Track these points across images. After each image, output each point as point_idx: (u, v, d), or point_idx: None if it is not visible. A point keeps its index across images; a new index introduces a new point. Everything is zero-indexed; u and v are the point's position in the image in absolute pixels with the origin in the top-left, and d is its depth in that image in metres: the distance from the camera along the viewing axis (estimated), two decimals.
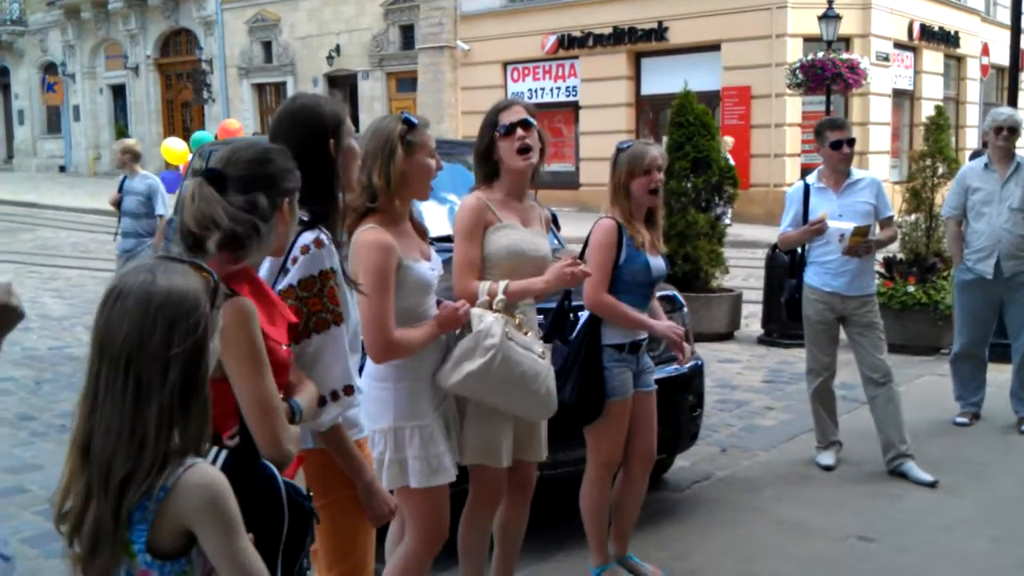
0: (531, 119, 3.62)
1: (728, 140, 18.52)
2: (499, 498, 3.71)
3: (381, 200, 3.11)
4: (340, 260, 2.67)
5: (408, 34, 26.28)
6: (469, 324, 3.32)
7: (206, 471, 1.76)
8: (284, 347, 2.27)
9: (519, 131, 3.57)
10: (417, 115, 3.31)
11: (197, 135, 12.34)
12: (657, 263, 4.06)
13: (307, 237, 2.53)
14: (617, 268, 3.98)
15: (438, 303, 3.26)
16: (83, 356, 5.51)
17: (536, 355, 3.43)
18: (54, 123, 37.95)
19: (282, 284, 2.52)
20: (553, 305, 4.01)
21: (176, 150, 12.47)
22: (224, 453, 1.92)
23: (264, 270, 2.53)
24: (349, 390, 2.56)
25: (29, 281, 13.07)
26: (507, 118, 3.59)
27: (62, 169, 36.40)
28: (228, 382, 2.09)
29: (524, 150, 3.58)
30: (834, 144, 5.54)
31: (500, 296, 3.41)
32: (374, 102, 26.48)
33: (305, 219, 2.52)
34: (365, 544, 2.78)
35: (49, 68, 37.46)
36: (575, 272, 3.52)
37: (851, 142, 5.57)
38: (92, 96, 35.99)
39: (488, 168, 3.65)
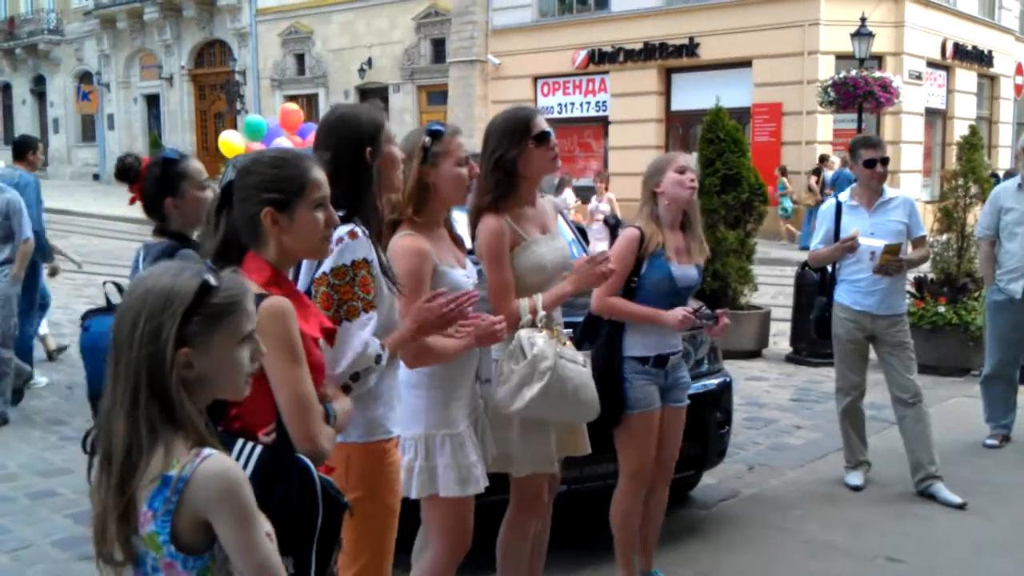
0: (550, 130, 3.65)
1: (835, 159, 18.48)
2: (543, 505, 3.75)
3: (400, 211, 3.16)
4: (380, 256, 2.73)
5: (439, 48, 26.43)
6: (522, 349, 3.37)
7: (222, 461, 1.79)
8: (318, 351, 2.32)
9: (552, 139, 3.59)
10: (447, 123, 3.34)
11: (249, 120, 12.45)
12: (685, 272, 4.02)
13: (342, 230, 2.61)
14: (639, 277, 3.99)
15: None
16: None
17: (580, 365, 3.50)
18: (89, 132, 38.42)
19: (316, 273, 2.61)
20: (577, 319, 4.05)
21: (235, 144, 12.66)
22: (260, 449, 1.96)
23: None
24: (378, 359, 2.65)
25: (62, 288, 13.21)
26: (540, 125, 3.56)
27: (96, 177, 36.82)
28: (265, 378, 2.13)
29: (556, 159, 3.61)
30: (868, 162, 5.52)
31: (541, 312, 3.45)
32: (405, 115, 26.63)
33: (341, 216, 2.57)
34: (387, 540, 2.84)
35: (84, 77, 37.94)
36: (601, 271, 3.57)
37: (885, 161, 5.54)
38: (126, 105, 36.43)
39: (504, 177, 3.54)
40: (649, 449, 4.05)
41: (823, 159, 19.43)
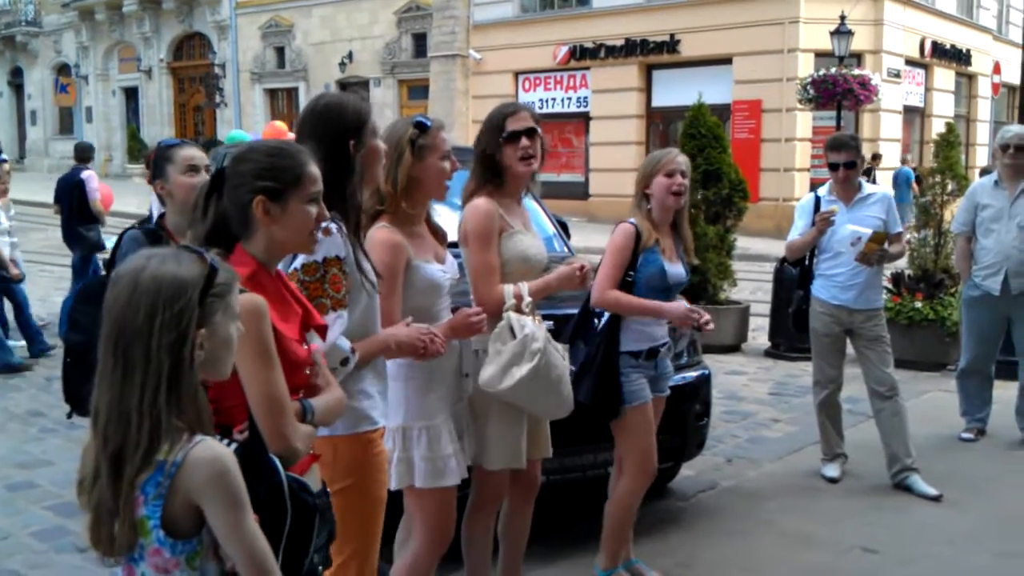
0: (536, 127, 3.66)
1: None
2: (502, 499, 3.77)
3: (388, 202, 3.17)
4: (356, 254, 2.73)
5: (420, 42, 26.39)
6: (511, 329, 3.38)
7: (213, 446, 1.82)
8: (305, 346, 2.31)
9: (523, 140, 3.61)
10: (432, 117, 3.36)
11: (233, 134, 12.44)
12: (675, 270, 4.07)
13: None
14: (635, 271, 4.02)
15: (454, 310, 3.30)
16: None
17: (561, 356, 3.52)
18: (67, 124, 38.12)
19: (288, 269, 2.60)
20: (561, 312, 4.08)
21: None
22: (233, 446, 1.97)
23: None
24: (344, 362, 2.65)
25: (41, 280, 13.14)
26: (513, 125, 3.63)
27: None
28: (239, 376, 2.13)
29: (526, 158, 3.63)
30: (830, 166, 5.60)
31: (527, 299, 3.47)
32: (385, 109, 26.56)
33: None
34: (372, 530, 2.85)
35: (62, 69, 37.65)
36: (583, 275, 3.64)
37: (849, 165, 5.51)
38: (105, 98, 36.16)
39: (488, 168, 3.66)
40: (650, 440, 4.08)
41: (875, 157, 19.49)
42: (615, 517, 4.16)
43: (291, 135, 12.72)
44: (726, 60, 20.79)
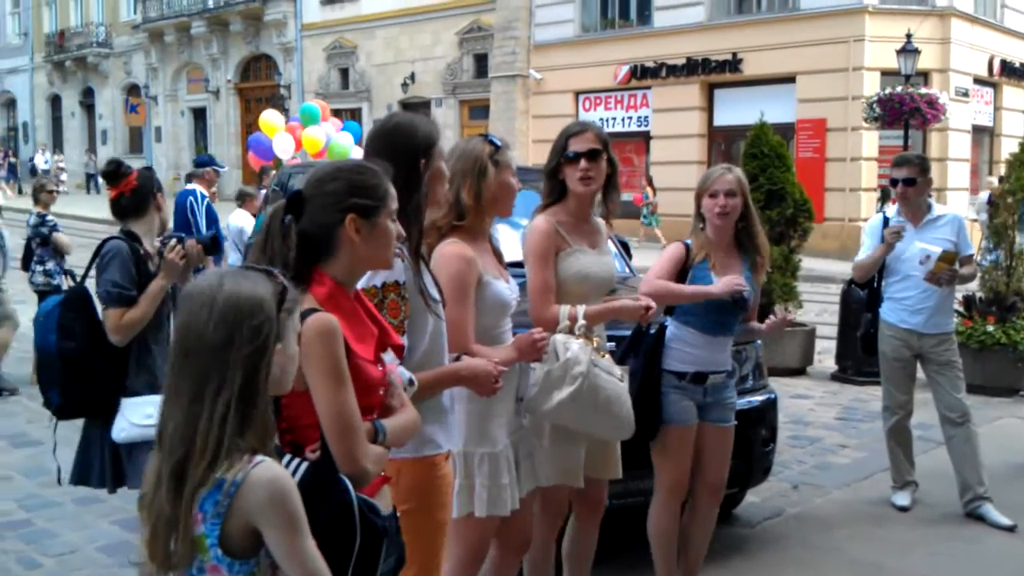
0: (599, 149, 3.64)
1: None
2: (561, 517, 3.74)
3: (470, 218, 3.18)
4: (419, 278, 2.73)
5: (482, 63, 26.56)
6: (556, 352, 3.36)
7: (273, 468, 1.81)
8: (380, 367, 2.31)
9: (583, 162, 3.60)
10: (501, 138, 3.38)
11: (305, 107, 12.78)
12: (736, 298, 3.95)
13: None
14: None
15: (513, 333, 3.29)
16: None
17: (616, 378, 3.48)
18: (136, 144, 38.98)
19: None
20: (623, 332, 4.04)
21: (275, 123, 12.89)
22: (305, 465, 1.96)
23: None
24: None
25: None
26: (575, 145, 3.63)
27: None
28: (310, 396, 2.13)
29: (585, 179, 3.61)
30: (891, 181, 5.53)
31: (581, 321, 3.44)
32: (447, 129, 26.74)
33: None
34: (434, 554, 2.83)
35: (132, 90, 38.53)
36: (650, 313, 3.60)
37: (908, 182, 5.44)
38: (174, 118, 36.94)
39: (554, 186, 3.70)
40: (684, 464, 4.02)
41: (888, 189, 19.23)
42: (653, 540, 4.13)
43: (333, 119, 12.99)
44: (789, 79, 20.58)
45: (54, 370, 3.71)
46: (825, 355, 9.87)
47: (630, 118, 23.74)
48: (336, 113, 30.94)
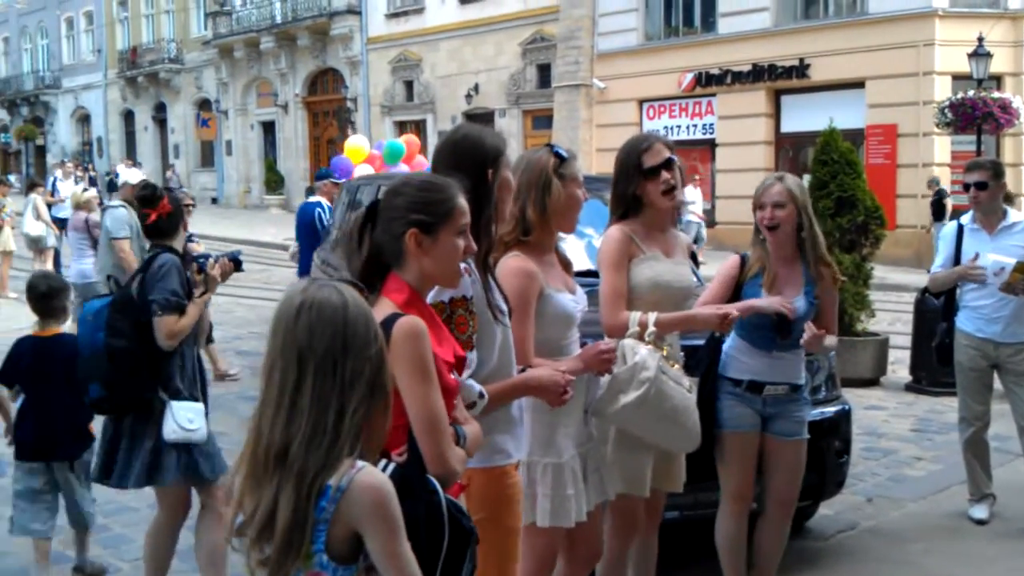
0: (673, 157, 3.62)
1: None
2: (637, 528, 3.72)
3: (535, 233, 3.17)
4: (487, 290, 2.74)
5: (545, 73, 26.61)
6: (623, 356, 3.35)
7: (375, 473, 1.85)
8: (452, 376, 2.34)
9: (664, 174, 3.57)
10: (565, 148, 3.37)
11: (392, 145, 13.06)
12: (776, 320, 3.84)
13: None
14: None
15: (582, 344, 3.27)
16: (243, 377, 5.68)
17: (685, 389, 3.45)
18: (207, 157, 39.79)
19: None
20: (690, 343, 4.00)
21: (362, 148, 13.13)
22: (392, 466, 1.99)
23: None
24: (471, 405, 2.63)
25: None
26: (650, 160, 3.60)
27: (214, 201, 38.06)
28: (399, 398, 2.16)
29: (668, 191, 3.59)
30: (964, 186, 5.43)
31: (651, 328, 3.43)
32: (510, 139, 26.79)
33: None
34: (508, 562, 2.83)
35: (203, 105, 39.35)
36: (728, 320, 3.55)
37: (980, 186, 5.33)
38: (243, 132, 37.63)
39: (626, 205, 3.66)
40: (745, 471, 3.98)
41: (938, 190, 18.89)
42: (720, 548, 4.08)
43: (420, 158, 13.14)
44: (858, 84, 20.25)
45: (99, 366, 3.96)
46: (899, 365, 9.68)
47: (695, 126, 23.58)
48: (400, 125, 31.42)
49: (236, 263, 4.35)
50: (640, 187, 3.61)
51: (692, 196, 18.86)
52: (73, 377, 4.22)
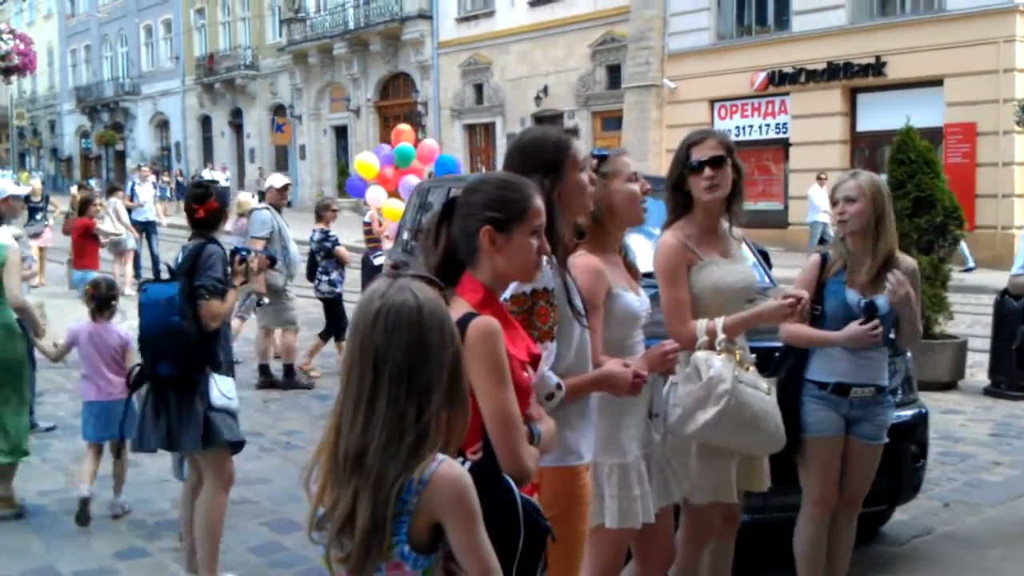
0: (722, 155, 3.56)
1: None
2: (712, 534, 3.69)
3: (589, 234, 3.18)
4: (567, 287, 2.76)
5: (614, 74, 26.52)
6: (697, 370, 3.32)
7: (455, 466, 1.88)
8: (525, 374, 2.36)
9: (707, 170, 3.54)
10: (610, 148, 3.36)
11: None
12: (866, 303, 3.78)
13: None
14: (822, 304, 3.87)
15: (646, 346, 3.27)
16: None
17: (763, 392, 3.41)
18: (282, 162, 40.40)
19: None
20: (762, 345, 3.96)
21: (371, 164, 13.26)
22: (468, 464, 2.02)
23: None
24: (550, 396, 2.65)
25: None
26: (697, 154, 3.57)
27: (288, 204, 38.59)
28: (474, 398, 2.19)
29: (711, 187, 3.55)
30: None
31: (721, 335, 3.39)
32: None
33: None
34: (573, 563, 2.84)
35: (278, 110, 39.99)
36: (794, 310, 3.48)
37: None
38: (317, 136, 38.17)
39: (679, 199, 3.63)
40: (830, 476, 3.91)
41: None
42: (799, 555, 4.01)
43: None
44: (936, 82, 19.80)
45: (170, 346, 4.41)
46: (977, 369, 9.45)
47: (767, 125, 23.27)
48: (470, 128, 31.57)
49: (272, 260, 4.74)
50: (684, 180, 3.58)
51: (819, 196, 18.57)
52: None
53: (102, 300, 5.80)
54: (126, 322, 6.76)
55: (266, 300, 9.02)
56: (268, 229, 8.91)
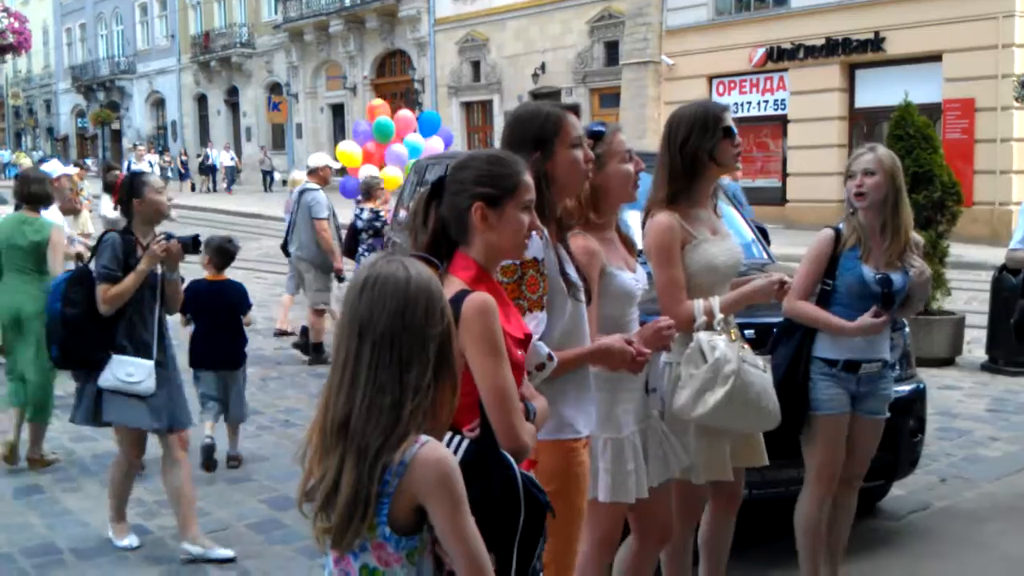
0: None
1: None
2: (702, 510, 3.70)
3: (576, 214, 3.15)
4: (560, 259, 2.75)
5: (612, 50, 26.42)
6: (702, 352, 3.32)
7: (439, 447, 1.86)
8: (520, 352, 2.36)
9: (737, 136, 3.54)
10: (607, 123, 3.31)
11: (380, 122, 13.09)
12: (881, 277, 3.77)
13: None
14: (834, 279, 3.86)
15: (642, 323, 3.26)
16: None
17: (761, 370, 3.42)
18: (278, 140, 40.35)
19: None
20: (761, 321, 3.96)
21: (352, 154, 13.17)
22: (466, 442, 2.01)
23: None
24: (540, 367, 2.64)
25: (255, 287, 13.90)
26: (729, 120, 3.54)
27: (284, 183, 38.60)
28: (470, 375, 2.19)
29: (739, 155, 3.55)
30: None
31: (719, 315, 3.39)
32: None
33: None
34: (570, 540, 2.85)
35: (274, 88, 39.87)
36: (783, 289, 3.53)
37: None
38: (313, 115, 38.06)
39: (686, 170, 3.52)
40: (835, 454, 3.91)
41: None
42: (800, 531, 4.00)
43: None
44: (935, 57, 19.73)
45: (57, 331, 4.67)
46: (974, 345, 9.46)
47: (766, 102, 23.21)
48: (467, 106, 31.46)
49: (186, 246, 4.70)
50: (717, 148, 3.51)
51: None
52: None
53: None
54: None
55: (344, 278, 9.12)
56: (327, 209, 9.22)
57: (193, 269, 5.87)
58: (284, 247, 9.98)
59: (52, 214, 6.48)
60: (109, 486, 4.99)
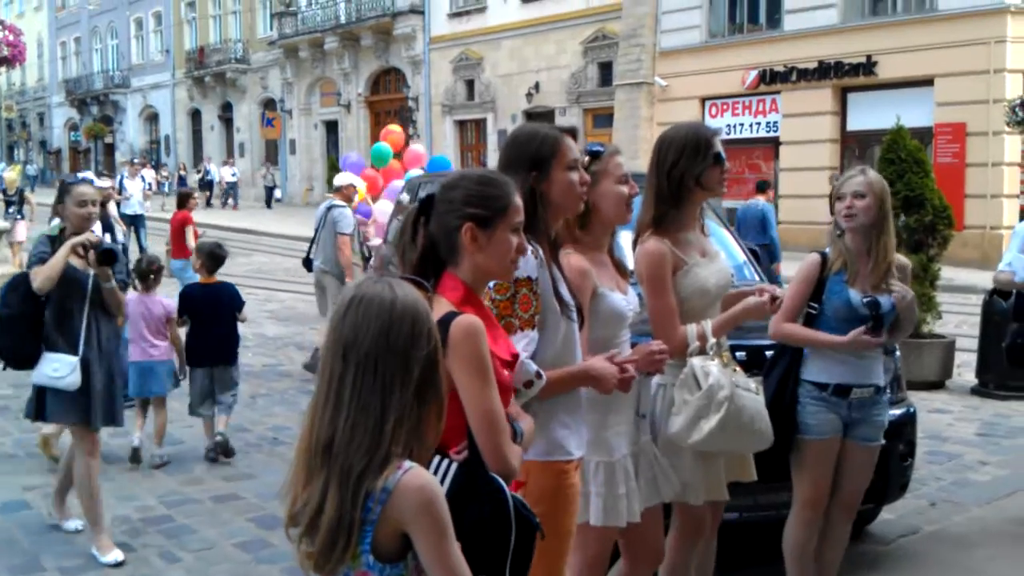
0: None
1: None
2: (704, 532, 3.69)
3: (566, 232, 3.14)
4: (554, 279, 2.74)
5: (606, 71, 26.52)
6: (695, 379, 3.32)
7: (422, 474, 1.83)
8: (506, 373, 2.34)
9: (726, 163, 3.55)
10: (605, 143, 3.32)
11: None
12: (869, 300, 3.75)
13: None
14: (820, 302, 3.85)
15: (633, 345, 3.25)
16: (296, 374, 5.94)
17: (753, 392, 3.41)
18: (272, 156, 40.32)
19: None
20: (751, 343, 3.95)
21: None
22: (455, 466, 1.99)
23: None
24: (529, 384, 2.61)
25: (246, 302, 13.88)
26: (719, 146, 3.54)
27: (278, 200, 38.64)
28: (457, 398, 2.17)
29: (724, 181, 3.56)
30: None
31: (712, 340, 3.38)
32: None
33: None
34: (557, 562, 2.82)
35: (268, 104, 39.89)
36: (774, 305, 3.53)
37: None
38: (307, 131, 38.08)
39: (674, 194, 3.50)
40: (823, 478, 3.90)
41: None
42: (788, 555, 3.99)
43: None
44: (927, 82, 19.85)
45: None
46: (965, 368, 9.47)
47: (758, 124, 23.31)
48: (461, 124, 31.53)
49: (100, 255, 4.81)
50: (705, 173, 3.50)
51: None
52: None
53: (142, 273, 6.61)
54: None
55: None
56: (352, 226, 9.46)
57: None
58: (306, 261, 10.00)
59: None
60: (77, 491, 5.05)
